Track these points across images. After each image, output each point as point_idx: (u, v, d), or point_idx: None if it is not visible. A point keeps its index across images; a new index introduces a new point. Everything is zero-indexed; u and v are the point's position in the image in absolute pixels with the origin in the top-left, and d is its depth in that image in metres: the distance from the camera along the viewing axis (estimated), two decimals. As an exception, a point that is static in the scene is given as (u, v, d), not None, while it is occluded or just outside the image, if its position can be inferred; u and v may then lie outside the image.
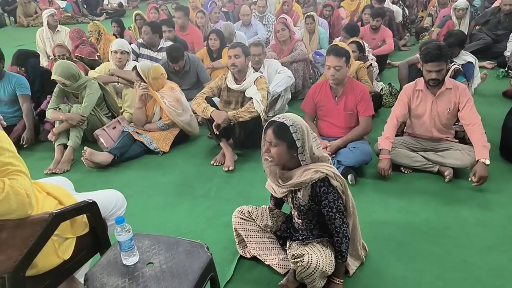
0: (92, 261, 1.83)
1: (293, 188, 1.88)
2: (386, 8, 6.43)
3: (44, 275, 1.57)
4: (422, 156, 3.00)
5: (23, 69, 4.21)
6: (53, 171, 3.27)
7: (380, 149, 2.93)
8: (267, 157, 1.87)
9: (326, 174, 1.81)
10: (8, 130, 3.65)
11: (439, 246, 2.26)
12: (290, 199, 1.96)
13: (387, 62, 5.58)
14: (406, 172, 3.04)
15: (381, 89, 4.43)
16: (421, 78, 2.97)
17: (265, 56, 4.00)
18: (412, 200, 2.71)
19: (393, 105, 3.14)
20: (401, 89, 3.41)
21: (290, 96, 4.04)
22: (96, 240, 1.77)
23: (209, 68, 4.55)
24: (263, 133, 1.88)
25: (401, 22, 6.85)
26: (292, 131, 1.79)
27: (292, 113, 1.92)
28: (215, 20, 6.33)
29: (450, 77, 3.24)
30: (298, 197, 1.89)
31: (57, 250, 1.58)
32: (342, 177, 1.88)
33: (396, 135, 3.11)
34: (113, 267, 1.51)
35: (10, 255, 1.41)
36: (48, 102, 3.85)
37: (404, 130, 3.24)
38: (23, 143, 3.65)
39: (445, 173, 2.89)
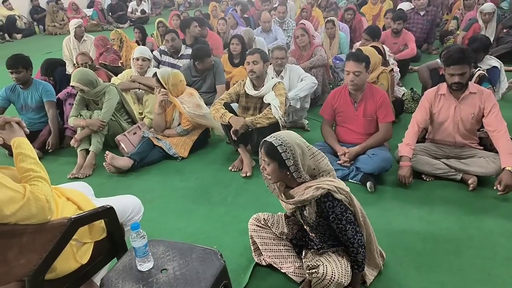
0: (110, 265, 1.87)
1: (298, 205, 1.87)
2: (430, 8, 6.32)
3: (63, 279, 1.60)
4: (445, 163, 2.92)
5: (51, 78, 4.36)
6: (76, 175, 3.36)
7: (401, 156, 2.88)
8: (265, 175, 1.89)
9: (328, 189, 1.77)
10: (34, 135, 3.82)
11: (462, 257, 2.19)
12: (299, 215, 1.94)
13: (409, 67, 5.48)
14: (427, 179, 2.97)
15: (403, 94, 4.35)
16: (444, 82, 2.91)
17: (288, 61, 4.01)
18: (434, 209, 2.64)
19: (415, 111, 3.07)
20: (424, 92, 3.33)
21: (307, 106, 4.01)
22: (113, 245, 1.80)
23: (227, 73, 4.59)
24: (259, 150, 1.88)
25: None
26: (280, 151, 1.77)
27: (287, 131, 1.92)
28: (232, 26, 6.38)
29: (474, 83, 3.15)
30: (305, 215, 1.88)
31: (75, 255, 1.62)
32: (346, 190, 1.83)
33: (417, 142, 3.04)
34: (128, 272, 1.53)
35: (30, 259, 1.45)
36: (66, 94, 3.96)
37: (426, 137, 3.17)
38: (48, 148, 3.76)
39: (469, 181, 2.81)
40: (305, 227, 2.01)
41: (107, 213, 1.70)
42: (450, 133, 2.93)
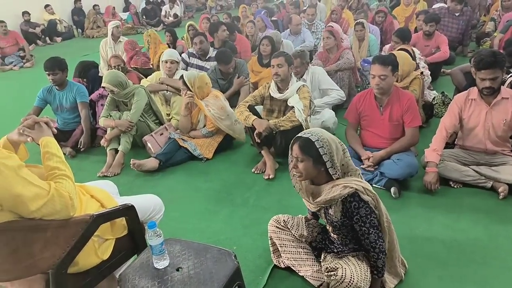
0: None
1: (323, 205, 1.87)
2: (466, 8, 6.12)
3: (85, 273, 1.67)
4: (474, 170, 2.82)
5: (85, 80, 4.55)
6: (105, 174, 3.48)
7: (427, 162, 2.80)
8: (295, 173, 1.88)
9: (356, 189, 1.77)
10: (68, 134, 4.00)
11: (487, 268, 2.11)
12: (323, 214, 1.94)
13: (442, 70, 5.31)
14: (455, 186, 2.87)
15: (433, 98, 4.23)
16: (475, 87, 2.81)
17: (307, 66, 3.98)
18: (461, 217, 2.55)
19: (447, 115, 2.98)
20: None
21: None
22: (134, 242, 1.85)
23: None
24: (289, 149, 1.89)
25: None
26: (318, 146, 1.79)
27: (319, 128, 1.95)
28: (260, 28, 6.42)
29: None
30: (330, 213, 1.87)
31: (96, 250, 1.68)
32: (373, 192, 1.83)
33: (447, 145, 2.95)
34: (145, 269, 1.58)
35: (54, 252, 1.52)
36: (98, 95, 4.14)
37: (455, 142, 3.07)
38: (81, 147, 3.92)
39: (499, 190, 2.70)
40: (328, 227, 2.00)
41: (128, 211, 1.76)
42: (480, 139, 2.83)
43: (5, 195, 1.37)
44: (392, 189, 2.79)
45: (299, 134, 1.87)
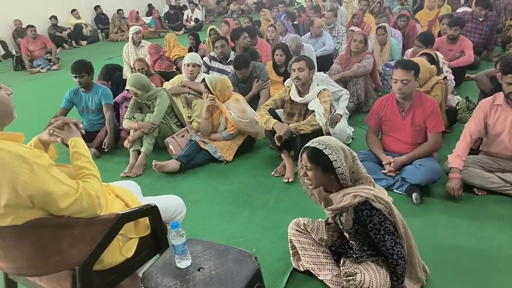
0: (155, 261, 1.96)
1: (336, 212, 1.88)
2: (490, 13, 6.00)
3: (109, 271, 1.71)
4: (499, 177, 2.76)
5: (109, 82, 4.67)
6: (128, 174, 3.56)
7: (450, 168, 2.76)
8: (306, 181, 1.92)
9: (366, 197, 1.77)
10: (92, 135, 4.11)
11: (512, 277, 2.06)
12: (339, 221, 1.94)
13: (466, 75, 5.20)
14: (480, 194, 2.81)
15: (457, 103, 4.16)
16: (501, 92, 2.76)
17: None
18: (485, 225, 2.50)
19: (471, 121, 2.92)
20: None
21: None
22: (157, 241, 1.89)
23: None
24: (299, 156, 1.92)
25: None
26: (326, 154, 1.80)
27: (328, 136, 1.99)
28: (281, 32, 6.44)
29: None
30: (342, 221, 1.88)
31: (121, 249, 1.73)
32: (385, 199, 1.82)
33: (472, 151, 2.90)
34: (168, 268, 1.61)
35: (81, 249, 1.57)
36: (122, 98, 4.25)
37: (480, 148, 3.01)
38: (105, 148, 4.01)
39: (526, 197, 2.63)
40: (345, 233, 2.00)
41: (151, 211, 1.80)
42: (506, 146, 2.77)
43: (37, 193, 1.42)
44: (414, 195, 2.76)
45: (307, 144, 1.90)
